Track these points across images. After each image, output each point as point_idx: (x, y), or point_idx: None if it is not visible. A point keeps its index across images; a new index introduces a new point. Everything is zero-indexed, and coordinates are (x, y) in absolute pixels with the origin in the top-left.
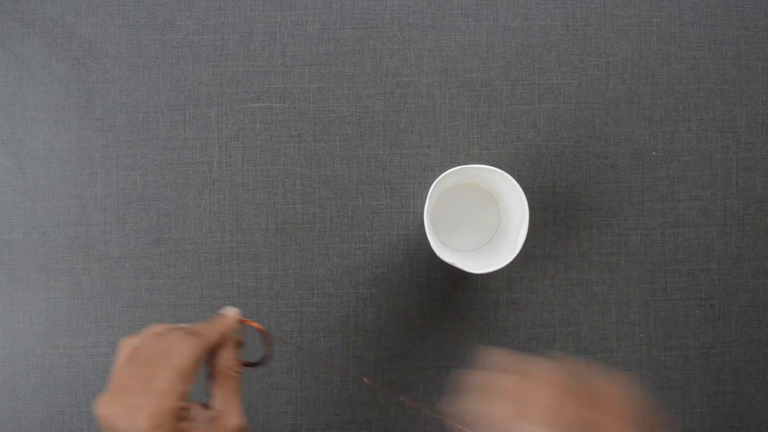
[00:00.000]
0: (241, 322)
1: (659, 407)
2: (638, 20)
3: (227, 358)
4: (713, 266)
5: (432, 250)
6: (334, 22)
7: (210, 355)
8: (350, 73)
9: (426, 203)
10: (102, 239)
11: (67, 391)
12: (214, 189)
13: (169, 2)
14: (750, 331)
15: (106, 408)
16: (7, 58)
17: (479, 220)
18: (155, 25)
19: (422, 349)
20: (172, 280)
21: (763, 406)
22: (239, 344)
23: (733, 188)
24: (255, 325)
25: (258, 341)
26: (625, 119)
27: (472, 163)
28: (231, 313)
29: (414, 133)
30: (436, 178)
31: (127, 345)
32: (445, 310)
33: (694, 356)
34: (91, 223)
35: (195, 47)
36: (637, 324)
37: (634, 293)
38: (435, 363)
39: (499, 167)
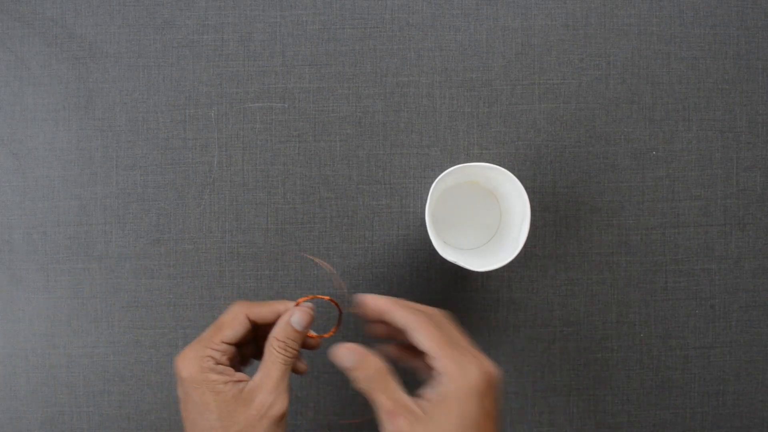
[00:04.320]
0: (297, 304)
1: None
2: (638, 20)
3: (275, 336)
4: (713, 266)
5: (432, 250)
6: (334, 22)
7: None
8: (350, 73)
9: (427, 202)
10: (102, 239)
11: (67, 391)
12: (214, 189)
13: (169, 2)
14: (750, 331)
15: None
16: (7, 58)
17: (480, 219)
18: (155, 25)
19: None
20: (172, 280)
21: (763, 406)
22: (303, 337)
23: (733, 188)
24: (325, 298)
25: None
26: (625, 119)
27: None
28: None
29: (414, 133)
30: (436, 178)
31: None
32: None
33: (694, 356)
34: (91, 223)
35: (195, 47)
36: (637, 324)
37: (634, 293)
38: None
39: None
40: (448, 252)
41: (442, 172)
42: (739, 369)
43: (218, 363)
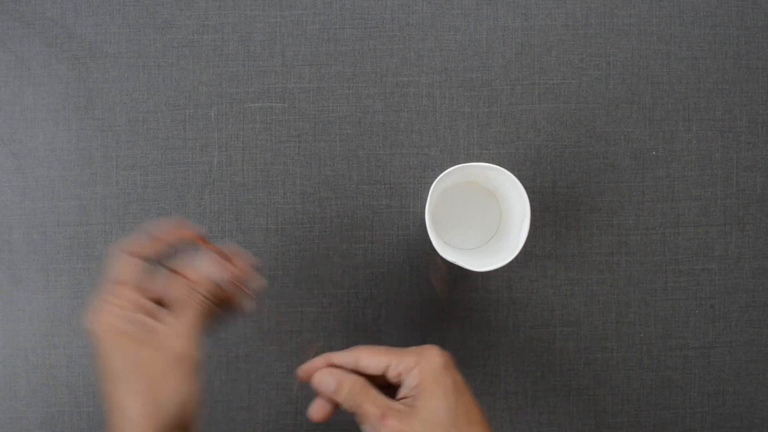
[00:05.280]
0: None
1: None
2: (638, 20)
3: (183, 282)
4: (713, 266)
5: (432, 250)
6: (334, 22)
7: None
8: (350, 73)
9: (427, 202)
10: (102, 239)
11: (67, 391)
12: (214, 189)
13: (169, 2)
14: (750, 331)
15: None
16: (7, 58)
17: (480, 219)
18: (155, 25)
19: None
20: None
21: (763, 406)
22: (210, 283)
23: (733, 188)
24: (213, 247)
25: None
26: (625, 119)
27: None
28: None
29: (414, 133)
30: (436, 178)
31: None
32: (445, 310)
33: (694, 356)
34: (91, 223)
35: (195, 47)
36: (637, 324)
37: (634, 293)
38: None
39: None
40: (448, 252)
41: (442, 172)
42: (739, 369)
43: (124, 310)
